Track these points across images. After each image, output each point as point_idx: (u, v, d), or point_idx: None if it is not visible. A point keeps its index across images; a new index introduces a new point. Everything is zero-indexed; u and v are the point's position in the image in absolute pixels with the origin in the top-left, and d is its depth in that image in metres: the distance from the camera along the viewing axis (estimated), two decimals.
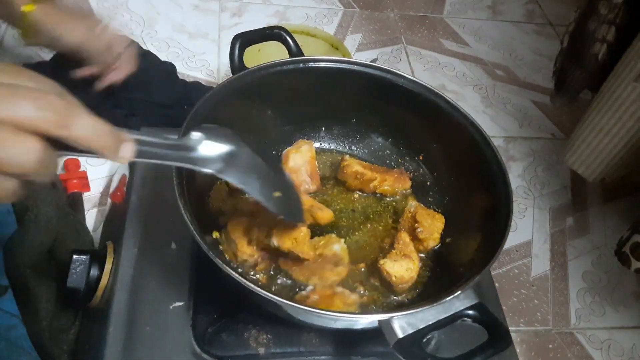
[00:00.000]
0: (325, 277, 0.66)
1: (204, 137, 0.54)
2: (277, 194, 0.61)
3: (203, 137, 0.54)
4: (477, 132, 0.72)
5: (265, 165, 0.60)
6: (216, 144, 0.54)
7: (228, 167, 0.55)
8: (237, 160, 0.56)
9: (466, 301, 0.56)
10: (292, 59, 0.75)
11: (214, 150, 0.54)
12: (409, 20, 1.62)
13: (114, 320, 0.65)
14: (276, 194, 0.61)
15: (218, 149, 0.55)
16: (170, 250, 0.72)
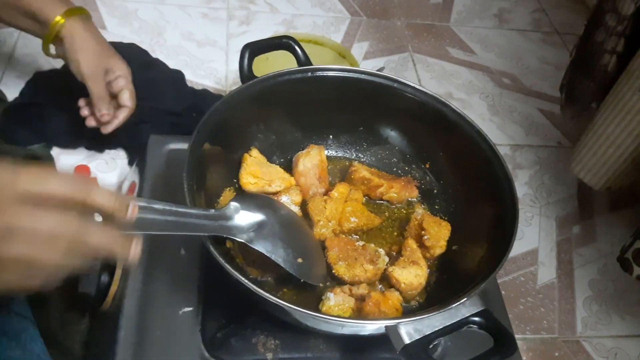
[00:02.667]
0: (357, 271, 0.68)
1: (240, 208, 0.60)
2: (300, 260, 0.65)
3: (239, 207, 0.60)
4: (483, 140, 0.72)
5: (292, 231, 0.66)
6: (250, 214, 0.60)
7: (258, 236, 0.60)
8: (267, 230, 0.61)
9: (472, 308, 0.56)
10: (300, 68, 0.76)
11: (247, 219, 0.60)
12: (416, 28, 1.63)
13: (124, 325, 0.66)
14: (299, 260, 0.65)
15: (251, 218, 0.60)
16: (179, 256, 0.73)
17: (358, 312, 0.64)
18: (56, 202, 0.41)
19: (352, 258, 0.69)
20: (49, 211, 0.41)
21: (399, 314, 0.65)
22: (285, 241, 0.64)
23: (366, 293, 0.65)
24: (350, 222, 0.74)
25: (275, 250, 0.62)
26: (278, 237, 0.63)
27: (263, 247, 0.61)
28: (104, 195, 0.43)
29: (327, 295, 0.66)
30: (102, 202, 0.43)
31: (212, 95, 1.16)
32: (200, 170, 0.65)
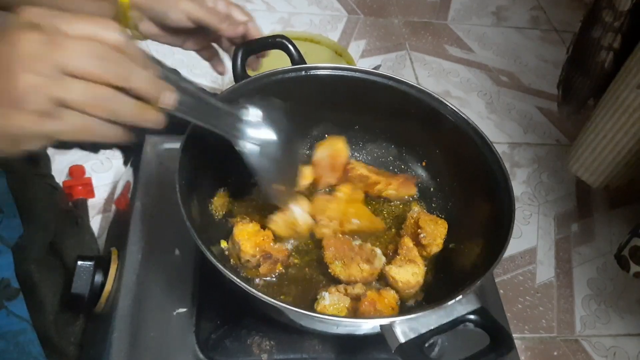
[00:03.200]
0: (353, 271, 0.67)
1: (260, 120, 0.57)
2: (276, 186, 0.64)
3: (260, 118, 0.57)
4: (480, 138, 0.72)
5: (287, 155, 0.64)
6: (267, 131, 0.57)
7: (258, 152, 0.58)
8: (270, 151, 0.59)
9: (468, 306, 0.56)
10: (294, 67, 0.75)
11: (260, 134, 0.58)
12: (413, 26, 1.62)
13: (118, 325, 0.65)
14: (275, 186, 0.64)
15: (265, 135, 0.58)
16: (174, 256, 0.72)
17: (354, 312, 0.64)
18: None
19: (348, 257, 0.69)
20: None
21: (395, 313, 0.64)
22: (277, 165, 0.63)
23: (362, 292, 0.65)
24: (352, 223, 0.73)
25: (265, 169, 0.61)
26: (276, 161, 0.62)
27: (256, 162, 0.59)
28: (142, 80, 0.43)
29: (322, 295, 0.65)
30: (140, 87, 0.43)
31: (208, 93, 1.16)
32: (193, 171, 0.64)
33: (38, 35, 0.39)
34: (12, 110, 0.39)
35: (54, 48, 0.39)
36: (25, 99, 0.38)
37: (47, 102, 0.39)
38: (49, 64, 0.39)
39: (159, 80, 0.45)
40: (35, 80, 0.38)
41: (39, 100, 0.39)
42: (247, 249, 0.64)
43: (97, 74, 0.40)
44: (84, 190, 0.99)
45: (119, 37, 0.42)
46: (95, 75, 0.40)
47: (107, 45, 0.41)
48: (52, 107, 0.39)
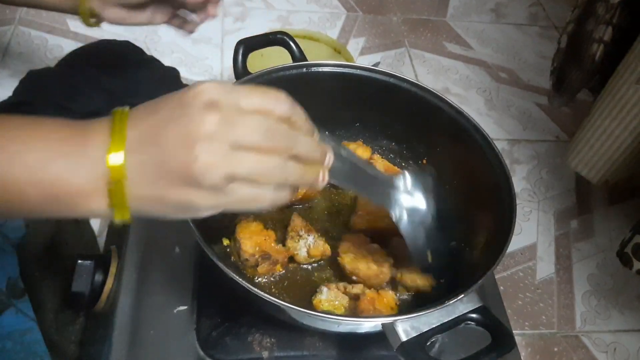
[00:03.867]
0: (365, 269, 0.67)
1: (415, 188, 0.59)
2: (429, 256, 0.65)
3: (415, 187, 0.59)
4: (480, 135, 0.71)
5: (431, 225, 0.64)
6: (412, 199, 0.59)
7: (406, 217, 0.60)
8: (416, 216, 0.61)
9: (469, 304, 0.56)
10: (294, 64, 0.75)
11: (407, 201, 0.60)
12: (412, 23, 1.62)
13: (118, 324, 0.65)
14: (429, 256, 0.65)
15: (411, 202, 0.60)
16: (174, 254, 0.72)
17: (352, 311, 0.64)
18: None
19: (360, 254, 0.69)
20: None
21: (395, 312, 0.64)
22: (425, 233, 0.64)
23: (361, 292, 0.65)
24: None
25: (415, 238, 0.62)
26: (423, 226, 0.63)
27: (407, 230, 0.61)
28: (306, 146, 0.44)
29: (320, 289, 0.65)
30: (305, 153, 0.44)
31: None
32: None
33: (216, 115, 0.40)
34: (188, 188, 0.41)
35: (231, 127, 0.40)
36: (202, 178, 0.40)
37: (221, 179, 0.40)
38: (225, 144, 0.40)
39: (321, 144, 0.47)
40: (213, 160, 0.40)
41: (214, 179, 0.40)
42: (246, 247, 0.64)
43: (267, 146, 0.42)
44: None
45: (287, 107, 0.43)
46: (264, 148, 0.42)
47: (276, 117, 0.43)
48: (224, 182, 0.41)
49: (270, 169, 0.42)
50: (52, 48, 1.28)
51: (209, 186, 0.40)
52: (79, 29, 1.36)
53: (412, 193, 0.61)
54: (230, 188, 0.41)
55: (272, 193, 0.44)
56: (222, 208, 0.43)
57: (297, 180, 0.45)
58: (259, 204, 0.44)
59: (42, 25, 1.34)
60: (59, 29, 1.34)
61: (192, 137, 0.40)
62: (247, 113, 0.42)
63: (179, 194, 0.41)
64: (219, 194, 0.41)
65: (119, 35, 1.35)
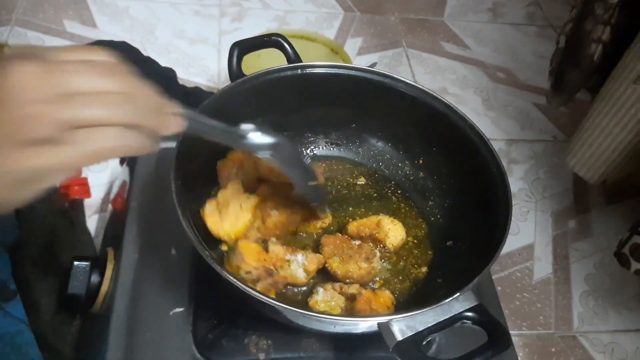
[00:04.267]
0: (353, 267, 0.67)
1: (254, 128, 0.59)
2: (311, 183, 0.67)
3: (254, 127, 0.59)
4: (477, 135, 0.71)
5: (301, 158, 0.67)
6: (264, 135, 0.59)
7: (275, 155, 0.60)
8: (282, 151, 0.61)
9: (466, 303, 0.56)
10: (289, 65, 0.75)
11: (262, 139, 0.59)
12: (410, 23, 1.62)
13: (114, 326, 0.65)
14: (311, 183, 0.67)
15: (265, 139, 0.59)
16: (170, 256, 0.72)
17: (349, 311, 0.64)
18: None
19: (347, 255, 0.69)
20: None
21: (391, 312, 0.64)
22: (298, 164, 0.65)
23: (357, 292, 0.65)
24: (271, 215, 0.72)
25: (292, 169, 0.63)
26: (293, 159, 0.64)
27: (282, 164, 0.61)
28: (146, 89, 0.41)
29: (316, 289, 0.65)
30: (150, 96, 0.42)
31: (203, 93, 1.16)
32: (190, 170, 0.64)
33: (33, 63, 0.37)
34: (19, 149, 0.36)
35: (51, 72, 0.37)
36: (29, 131, 0.36)
37: (54, 128, 0.36)
38: (49, 89, 0.36)
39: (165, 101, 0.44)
40: (39, 108, 0.36)
41: (44, 129, 0.36)
42: (250, 260, 0.64)
43: (100, 86, 0.39)
44: (80, 190, 0.99)
45: (110, 57, 0.41)
46: (99, 88, 0.38)
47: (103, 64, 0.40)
48: (62, 132, 0.37)
49: (109, 105, 0.38)
50: None
51: (42, 139, 0.36)
52: (75, 30, 1.35)
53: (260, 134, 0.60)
54: (71, 137, 0.37)
55: (122, 137, 0.39)
56: (72, 163, 0.38)
57: (145, 119, 0.41)
58: (110, 151, 0.39)
59: (39, 26, 1.34)
60: (55, 30, 1.34)
61: (7, 90, 0.36)
62: (68, 62, 0.38)
63: (17, 160, 0.36)
64: (58, 147, 0.37)
65: (116, 35, 1.35)
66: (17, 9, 1.36)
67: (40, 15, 1.37)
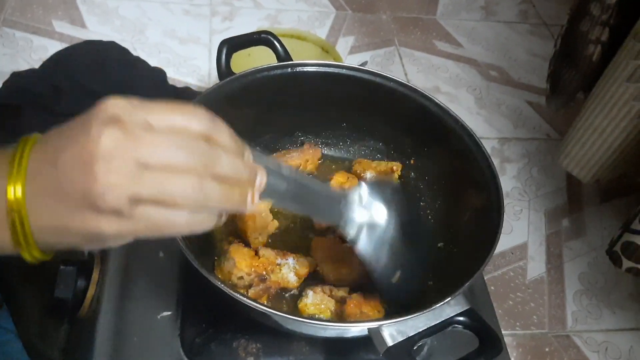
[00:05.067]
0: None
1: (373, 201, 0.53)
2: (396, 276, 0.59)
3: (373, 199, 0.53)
4: (468, 134, 0.71)
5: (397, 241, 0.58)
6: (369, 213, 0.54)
7: (364, 234, 0.55)
8: (378, 232, 0.55)
9: (457, 307, 0.55)
10: (279, 64, 0.74)
11: (363, 217, 0.54)
12: (402, 22, 1.61)
13: (101, 330, 0.64)
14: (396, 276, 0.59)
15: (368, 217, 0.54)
16: (158, 258, 0.71)
17: (339, 315, 0.63)
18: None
19: (338, 258, 0.68)
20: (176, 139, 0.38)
21: (382, 315, 0.63)
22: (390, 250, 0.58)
23: (346, 295, 0.64)
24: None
25: (377, 257, 0.57)
26: (387, 243, 0.57)
27: (364, 248, 0.55)
28: (229, 165, 0.40)
29: (306, 292, 0.64)
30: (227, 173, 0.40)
31: (193, 93, 1.14)
32: None
33: (119, 130, 0.36)
34: (91, 213, 0.36)
35: (136, 143, 0.36)
36: (102, 200, 0.35)
37: (124, 201, 0.36)
38: (128, 162, 0.36)
39: (249, 163, 0.42)
40: (113, 180, 0.35)
41: (115, 201, 0.36)
42: (242, 266, 0.63)
43: (179, 165, 0.37)
44: None
45: (205, 123, 0.39)
46: (176, 167, 0.37)
47: (192, 134, 0.38)
48: (129, 206, 0.36)
49: (182, 189, 0.37)
50: (36, 49, 1.27)
51: (112, 210, 0.36)
52: (64, 30, 1.34)
53: (369, 207, 0.55)
54: (137, 212, 0.37)
55: (188, 217, 0.39)
56: (133, 235, 0.38)
57: (219, 203, 0.40)
58: (173, 229, 0.39)
59: (27, 26, 1.32)
60: (44, 30, 1.33)
61: (89, 155, 0.35)
62: (155, 130, 0.37)
63: (81, 220, 0.37)
64: (125, 219, 0.37)
65: (105, 35, 1.33)
66: (5, 9, 1.34)
67: (29, 16, 1.35)
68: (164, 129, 0.38)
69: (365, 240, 0.55)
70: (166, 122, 0.38)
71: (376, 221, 0.56)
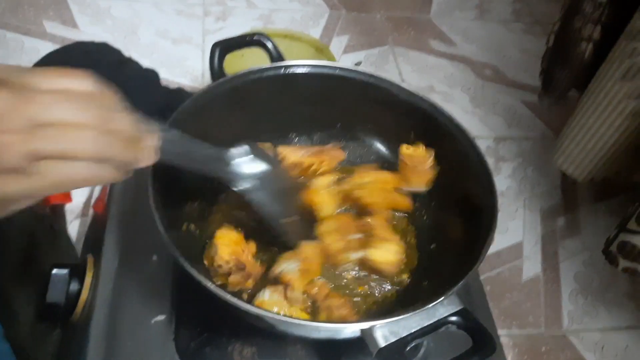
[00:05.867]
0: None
1: (247, 152, 0.56)
2: (285, 220, 0.63)
3: (247, 151, 0.56)
4: (462, 134, 0.70)
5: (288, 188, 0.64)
6: (256, 162, 0.57)
7: (258, 187, 0.57)
8: (269, 181, 0.58)
9: (450, 307, 0.54)
10: (272, 65, 0.73)
11: (251, 167, 0.57)
12: (396, 21, 1.61)
13: (93, 335, 0.63)
14: (284, 220, 0.63)
15: (256, 167, 0.57)
16: (151, 262, 0.70)
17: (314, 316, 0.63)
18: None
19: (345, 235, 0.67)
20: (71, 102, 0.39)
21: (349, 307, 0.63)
22: (281, 198, 0.62)
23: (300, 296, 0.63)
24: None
25: (270, 205, 0.60)
26: (277, 192, 0.61)
27: (259, 199, 0.59)
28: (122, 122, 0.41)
29: (263, 290, 0.63)
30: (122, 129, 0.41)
31: (186, 93, 1.13)
32: (169, 173, 0.62)
33: (7, 91, 0.36)
34: None
35: (24, 102, 0.37)
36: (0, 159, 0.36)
37: (22, 158, 0.36)
38: (18, 120, 0.36)
39: (139, 123, 0.44)
40: (7, 138, 0.36)
41: (13, 159, 0.36)
42: (223, 253, 0.63)
43: (73, 119, 0.38)
44: (61, 194, 0.97)
45: (92, 84, 0.40)
46: (71, 121, 0.38)
47: (80, 93, 0.39)
48: (28, 162, 0.37)
49: (78, 141, 0.38)
50: (28, 50, 1.26)
51: (10, 169, 0.36)
52: (55, 31, 1.33)
53: (251, 161, 0.59)
54: (37, 168, 0.37)
55: (89, 169, 0.39)
56: (38, 192, 0.39)
57: (116, 154, 0.40)
58: (77, 183, 0.39)
59: (19, 27, 1.31)
60: (35, 31, 1.32)
61: None
62: (44, 91, 0.38)
63: None
64: (26, 176, 0.37)
65: (98, 36, 1.33)
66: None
67: (20, 16, 1.34)
68: (53, 90, 0.38)
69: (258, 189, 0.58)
70: (54, 84, 0.39)
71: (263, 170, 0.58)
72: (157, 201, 0.57)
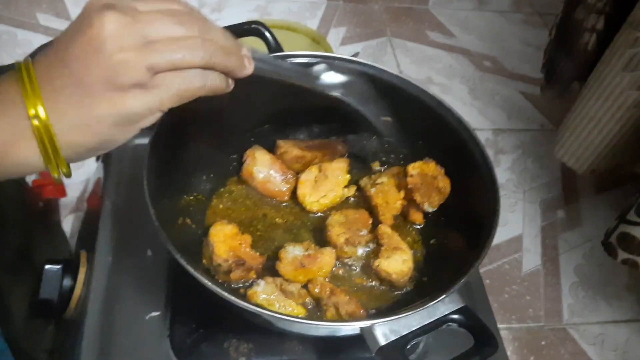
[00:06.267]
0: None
1: (326, 68, 0.63)
2: (385, 118, 0.69)
3: (325, 67, 0.63)
4: (462, 126, 0.69)
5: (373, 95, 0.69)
6: (337, 74, 0.63)
7: (347, 93, 0.64)
8: (354, 89, 0.65)
9: (451, 305, 0.53)
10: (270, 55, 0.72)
11: (335, 78, 0.63)
12: (394, 12, 1.59)
13: (87, 332, 0.63)
14: (384, 118, 0.69)
15: (337, 78, 0.64)
16: (146, 257, 0.69)
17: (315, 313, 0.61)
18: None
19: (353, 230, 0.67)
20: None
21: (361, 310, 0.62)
22: (371, 99, 0.67)
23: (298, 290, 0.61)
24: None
25: (365, 105, 0.66)
26: (366, 94, 0.66)
27: (354, 100, 0.64)
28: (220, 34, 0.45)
29: (257, 281, 0.62)
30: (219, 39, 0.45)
31: None
32: (164, 167, 0.61)
33: (117, 13, 0.40)
34: (116, 93, 0.40)
35: (135, 22, 0.40)
36: (123, 76, 0.39)
37: (142, 72, 0.40)
38: (132, 37, 0.40)
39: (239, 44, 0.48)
40: (127, 56, 0.39)
41: (136, 74, 0.40)
42: (220, 252, 0.61)
43: (179, 33, 0.42)
44: (55, 188, 0.95)
45: (187, 6, 0.44)
46: (177, 34, 0.42)
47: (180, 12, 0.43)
48: (148, 77, 0.40)
49: (189, 49, 0.42)
50: (21, 43, 1.24)
51: (134, 83, 0.40)
52: (49, 23, 1.31)
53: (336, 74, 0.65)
54: (157, 81, 0.41)
55: (201, 76, 0.44)
56: (160, 105, 0.42)
57: (221, 61, 0.44)
58: (193, 91, 0.44)
59: (11, 20, 1.30)
60: (28, 23, 1.30)
61: (99, 41, 0.39)
62: (147, 12, 0.42)
63: (110, 104, 0.40)
64: (148, 90, 0.41)
65: None
66: None
67: (13, 9, 1.33)
68: (154, 10, 0.42)
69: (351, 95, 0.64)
70: (152, 5, 0.42)
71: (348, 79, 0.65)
72: (152, 195, 0.56)
